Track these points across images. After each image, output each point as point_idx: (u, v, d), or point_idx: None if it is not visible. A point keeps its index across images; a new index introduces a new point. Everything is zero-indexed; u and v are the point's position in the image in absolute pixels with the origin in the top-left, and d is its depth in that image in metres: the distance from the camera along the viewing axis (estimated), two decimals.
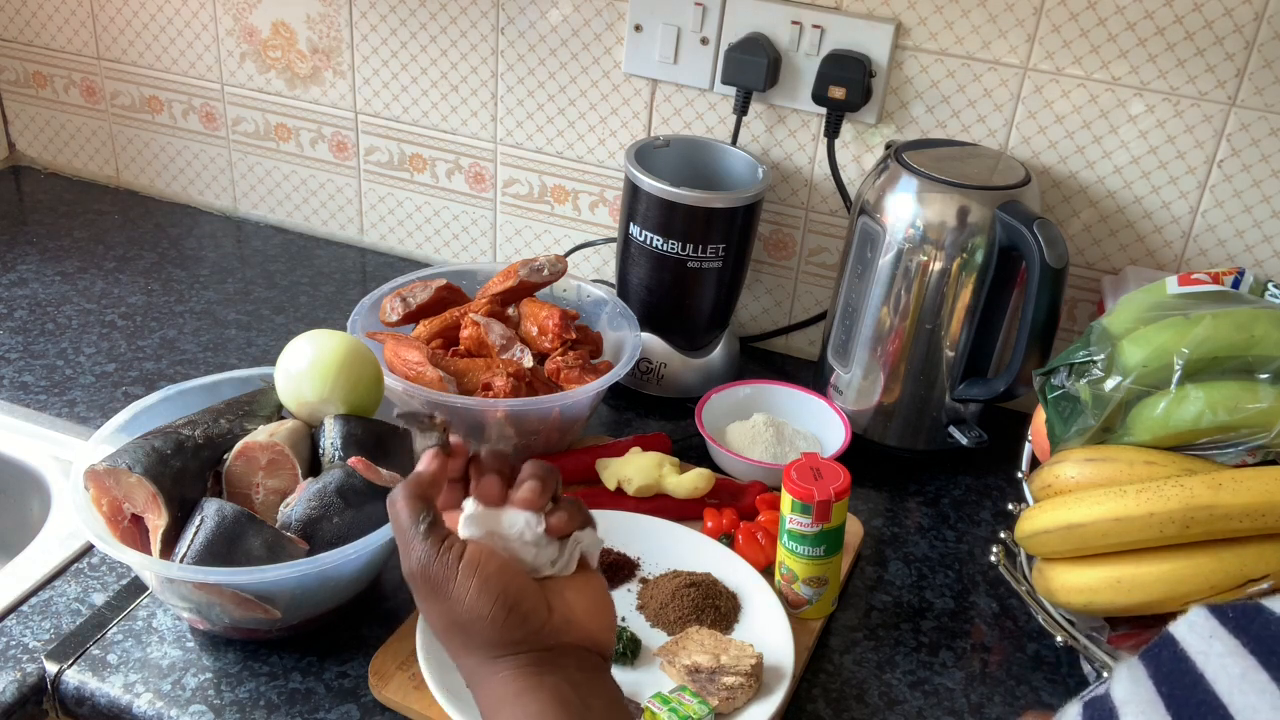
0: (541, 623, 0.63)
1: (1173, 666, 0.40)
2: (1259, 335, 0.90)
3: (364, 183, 1.56)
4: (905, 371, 1.19)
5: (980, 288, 1.14)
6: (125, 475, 0.89)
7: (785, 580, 1.00)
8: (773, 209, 1.36)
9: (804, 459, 0.99)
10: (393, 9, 1.42)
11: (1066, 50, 1.18)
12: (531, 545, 0.66)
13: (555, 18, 1.35)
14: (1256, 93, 1.14)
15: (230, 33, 1.52)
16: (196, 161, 1.63)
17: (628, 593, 1.01)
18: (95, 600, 0.98)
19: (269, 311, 1.43)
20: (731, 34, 1.28)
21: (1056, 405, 0.98)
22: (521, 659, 0.63)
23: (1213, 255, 1.22)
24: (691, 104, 1.34)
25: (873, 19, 1.23)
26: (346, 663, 0.94)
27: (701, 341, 1.31)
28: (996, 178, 1.14)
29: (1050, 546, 0.94)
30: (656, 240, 1.22)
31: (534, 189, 1.46)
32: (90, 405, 1.22)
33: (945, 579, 1.09)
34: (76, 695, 0.91)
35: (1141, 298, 0.98)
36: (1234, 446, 0.89)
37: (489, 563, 0.63)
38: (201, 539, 0.86)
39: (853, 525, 1.11)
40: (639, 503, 1.10)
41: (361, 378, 0.99)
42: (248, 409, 1.00)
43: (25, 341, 1.33)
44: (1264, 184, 1.18)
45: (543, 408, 1.10)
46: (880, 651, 1.00)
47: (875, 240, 1.16)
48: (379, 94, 1.48)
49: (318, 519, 0.89)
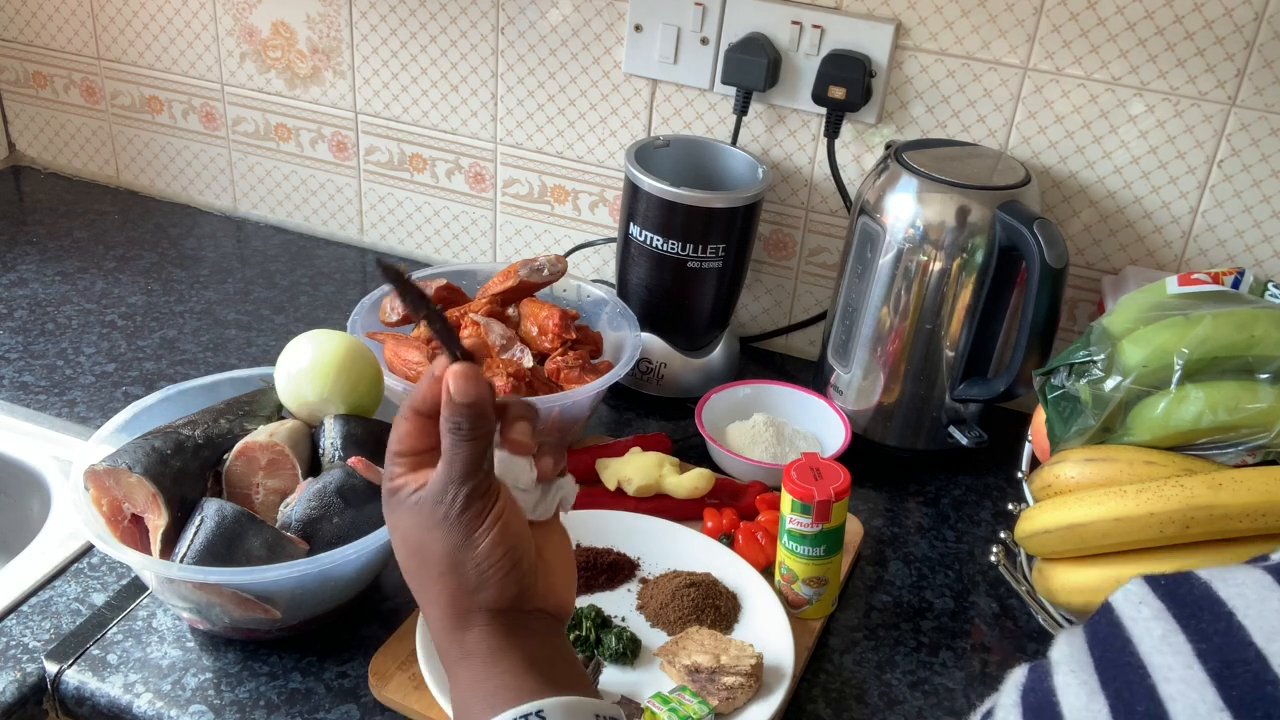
0: (530, 585, 0.62)
1: (1106, 631, 0.42)
2: (1259, 335, 0.90)
3: (364, 183, 1.56)
4: (905, 371, 1.19)
5: (980, 288, 1.14)
6: (125, 475, 0.89)
7: (785, 580, 1.00)
8: (773, 209, 1.36)
9: (804, 459, 0.99)
10: (393, 9, 1.42)
11: (1066, 50, 1.18)
12: (524, 492, 0.63)
13: (555, 18, 1.35)
14: (1256, 93, 1.14)
15: (230, 33, 1.52)
16: (196, 161, 1.63)
17: (628, 593, 1.01)
18: (95, 600, 0.98)
19: (269, 311, 1.43)
20: (731, 34, 1.28)
21: (1056, 405, 0.98)
22: (498, 618, 0.61)
23: (1213, 255, 1.22)
24: (691, 104, 1.34)
25: (873, 19, 1.23)
26: (346, 663, 0.94)
27: (701, 341, 1.31)
28: (996, 178, 1.14)
29: (1050, 546, 0.94)
30: (656, 240, 1.22)
31: (534, 189, 1.46)
32: (90, 405, 1.22)
33: (945, 579, 1.09)
34: (76, 695, 0.91)
35: (1141, 298, 0.98)
36: (1234, 446, 0.89)
37: (513, 516, 0.61)
38: (201, 539, 0.86)
39: (853, 525, 1.11)
40: (639, 503, 1.10)
41: (361, 378, 0.99)
42: (248, 409, 1.00)
43: (25, 341, 1.33)
44: (1264, 184, 1.18)
45: (543, 408, 1.10)
46: (880, 651, 1.00)
47: (875, 240, 1.16)
48: (379, 94, 1.48)
49: (318, 519, 0.89)
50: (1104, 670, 0.41)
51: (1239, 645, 0.39)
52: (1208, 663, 0.39)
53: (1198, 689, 0.39)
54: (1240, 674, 0.38)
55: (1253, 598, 0.40)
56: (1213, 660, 0.39)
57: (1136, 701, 0.40)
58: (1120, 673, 0.41)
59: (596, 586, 1.01)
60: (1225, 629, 0.40)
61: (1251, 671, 0.38)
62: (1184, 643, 0.40)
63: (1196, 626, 0.40)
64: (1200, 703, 0.38)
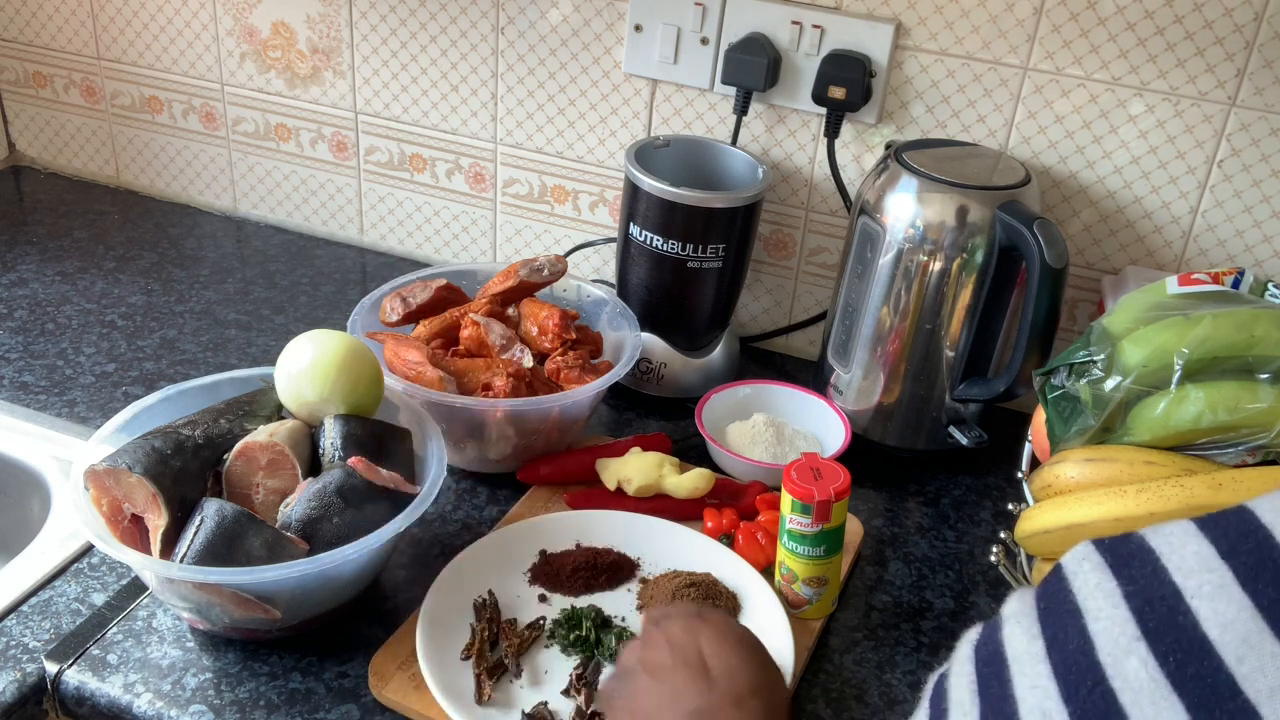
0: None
1: (1053, 587, 0.47)
2: (1259, 335, 0.90)
3: (364, 183, 1.56)
4: (905, 371, 1.19)
5: (980, 288, 1.14)
6: (125, 475, 0.89)
7: (785, 580, 1.00)
8: (773, 209, 1.36)
9: (804, 459, 0.99)
10: (393, 9, 1.42)
11: (1066, 50, 1.18)
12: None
13: (555, 18, 1.35)
14: (1256, 93, 1.14)
15: (230, 33, 1.52)
16: (196, 161, 1.63)
17: (628, 593, 1.01)
18: (95, 600, 0.98)
19: (269, 311, 1.43)
20: (731, 34, 1.28)
21: (1056, 405, 0.98)
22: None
23: (1213, 255, 1.22)
24: (691, 104, 1.34)
25: (873, 19, 1.23)
26: (346, 663, 0.94)
27: (701, 341, 1.31)
28: (996, 178, 1.14)
29: (1050, 546, 0.94)
30: (656, 240, 1.22)
31: (534, 189, 1.46)
32: (90, 405, 1.22)
33: (945, 579, 1.09)
34: (76, 695, 0.91)
35: (1141, 298, 0.98)
36: (1234, 446, 0.89)
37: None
38: (201, 539, 0.86)
39: (853, 525, 1.11)
40: (639, 503, 1.10)
41: (361, 378, 0.99)
42: (248, 409, 1.00)
43: (25, 341, 1.33)
44: (1264, 184, 1.18)
45: (543, 408, 1.10)
46: (880, 651, 1.00)
47: (875, 240, 1.16)
48: (379, 94, 1.48)
49: (318, 519, 0.89)
50: (1045, 617, 0.46)
51: (1159, 584, 0.44)
52: (1131, 601, 0.44)
53: (1120, 624, 0.43)
54: (1158, 608, 0.43)
55: (1176, 543, 0.45)
56: (1136, 599, 0.44)
57: (1069, 640, 0.44)
58: (1058, 618, 0.46)
59: (596, 586, 1.01)
60: (1150, 572, 0.44)
61: (1167, 605, 0.43)
62: (1114, 587, 0.45)
63: (1126, 572, 0.45)
64: (1120, 636, 0.43)
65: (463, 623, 0.95)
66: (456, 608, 0.96)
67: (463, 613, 0.96)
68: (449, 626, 0.94)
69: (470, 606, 0.97)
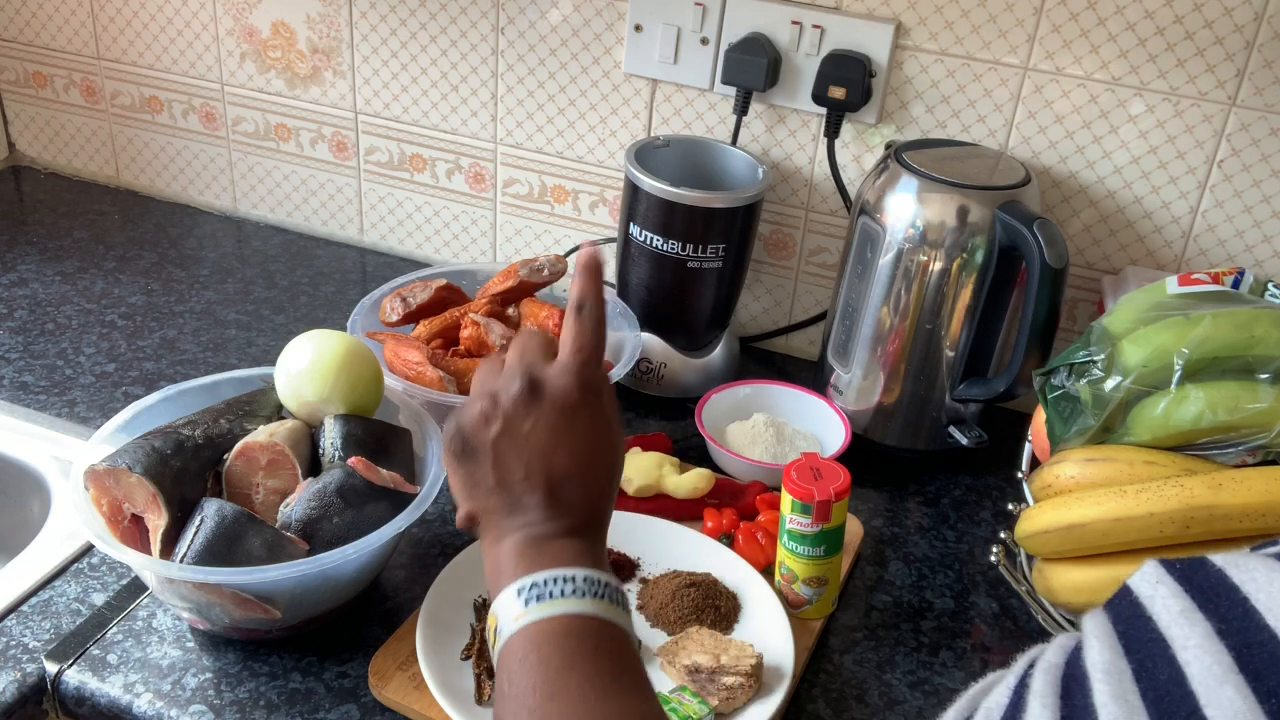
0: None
1: (1127, 610, 0.45)
2: (1259, 335, 0.90)
3: (364, 183, 1.56)
4: (905, 371, 1.19)
5: (980, 288, 1.14)
6: (125, 475, 0.89)
7: (785, 580, 1.00)
8: (773, 209, 1.36)
9: (804, 459, 0.99)
10: (393, 9, 1.42)
11: (1066, 50, 1.18)
12: None
13: (555, 18, 1.35)
14: (1256, 93, 1.14)
15: (230, 33, 1.52)
16: (196, 161, 1.63)
17: (628, 592, 1.01)
18: (95, 600, 0.98)
19: (269, 311, 1.43)
20: (731, 34, 1.28)
21: (1056, 405, 0.98)
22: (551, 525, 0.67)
23: (1213, 255, 1.22)
24: (691, 104, 1.34)
25: (873, 19, 1.23)
26: (346, 663, 0.94)
27: (701, 341, 1.31)
28: (996, 178, 1.14)
29: (1050, 546, 0.94)
30: (656, 240, 1.22)
31: (534, 189, 1.47)
32: (90, 405, 1.22)
33: (945, 579, 1.09)
34: (76, 695, 0.91)
35: (1141, 298, 0.98)
36: (1234, 446, 0.89)
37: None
38: (201, 539, 0.86)
39: (853, 525, 1.11)
40: (639, 503, 1.10)
41: (361, 378, 0.99)
42: (248, 409, 1.00)
43: (25, 341, 1.33)
44: (1264, 184, 1.18)
45: None
46: (880, 651, 1.00)
47: (875, 240, 1.16)
48: (379, 94, 1.48)
49: (318, 519, 0.89)
50: (1127, 640, 0.44)
51: (1256, 628, 0.41)
52: (1226, 640, 0.41)
53: (1214, 655, 0.41)
54: (1258, 653, 0.41)
55: (1263, 582, 0.43)
56: (1231, 639, 0.41)
57: (1159, 670, 0.42)
58: (1141, 641, 0.44)
59: None
60: (1242, 614, 0.42)
61: (1267, 651, 0.41)
62: (1202, 619, 0.43)
63: (1214, 609, 0.43)
64: (1215, 665, 0.41)
65: (463, 623, 0.95)
66: (456, 608, 0.96)
67: (463, 613, 0.96)
68: (449, 626, 0.94)
69: (470, 606, 0.97)
